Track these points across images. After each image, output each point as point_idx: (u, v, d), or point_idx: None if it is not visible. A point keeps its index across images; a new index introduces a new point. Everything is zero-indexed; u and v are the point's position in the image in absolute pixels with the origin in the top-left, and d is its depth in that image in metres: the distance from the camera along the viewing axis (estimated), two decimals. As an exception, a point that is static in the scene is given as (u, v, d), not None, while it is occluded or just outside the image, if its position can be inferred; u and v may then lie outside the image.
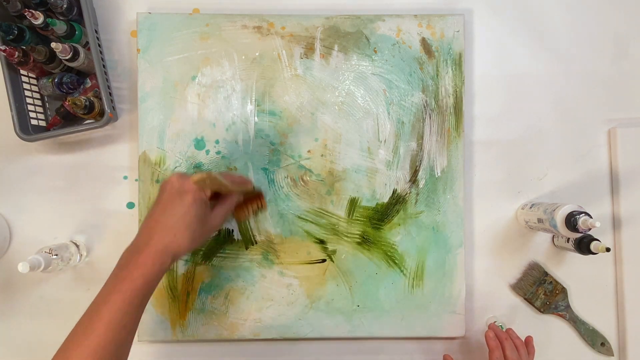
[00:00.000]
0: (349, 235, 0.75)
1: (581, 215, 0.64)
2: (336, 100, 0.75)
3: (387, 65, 0.75)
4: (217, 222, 0.60)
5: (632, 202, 0.77)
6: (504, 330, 0.72)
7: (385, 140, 0.75)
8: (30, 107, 0.73)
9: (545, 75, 0.79)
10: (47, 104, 0.76)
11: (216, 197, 0.61)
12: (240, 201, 0.67)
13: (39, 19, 0.66)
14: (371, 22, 0.75)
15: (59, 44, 0.67)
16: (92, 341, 0.48)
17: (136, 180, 0.75)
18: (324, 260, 0.75)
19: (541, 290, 0.77)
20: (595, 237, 0.70)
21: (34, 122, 0.73)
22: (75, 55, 0.69)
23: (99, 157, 0.76)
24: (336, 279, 0.75)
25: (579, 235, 0.67)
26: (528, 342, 0.70)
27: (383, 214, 0.75)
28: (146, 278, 0.51)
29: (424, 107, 0.75)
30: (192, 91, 0.74)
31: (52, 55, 0.70)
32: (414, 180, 0.75)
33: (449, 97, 0.76)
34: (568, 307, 0.77)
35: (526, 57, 0.79)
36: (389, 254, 0.75)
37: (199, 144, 0.74)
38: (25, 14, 0.65)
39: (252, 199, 0.70)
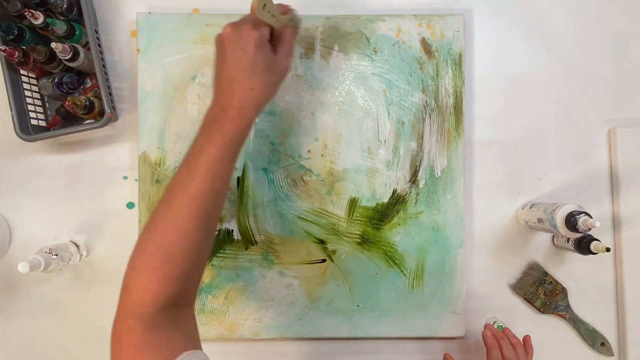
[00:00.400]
0: (349, 235, 0.75)
1: (581, 215, 0.64)
2: (336, 100, 0.75)
3: (387, 65, 0.75)
4: (286, 63, 0.59)
5: (632, 202, 0.77)
6: (502, 330, 0.72)
7: (385, 140, 0.75)
8: (30, 107, 0.73)
9: (545, 75, 0.79)
10: (47, 104, 0.76)
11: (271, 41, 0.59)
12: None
13: (39, 19, 0.66)
14: (371, 22, 0.75)
15: (59, 44, 0.67)
16: (193, 189, 0.50)
17: (136, 180, 0.75)
18: (324, 260, 0.75)
19: (541, 290, 0.77)
20: (595, 237, 0.70)
21: (34, 122, 0.73)
22: (75, 55, 0.69)
23: (99, 157, 0.76)
24: (336, 279, 0.75)
25: (579, 235, 0.67)
26: (526, 341, 0.71)
27: (383, 214, 0.75)
28: (236, 131, 0.53)
29: (424, 107, 0.75)
30: (192, 91, 0.74)
31: (52, 55, 0.70)
32: (414, 180, 0.75)
33: (449, 97, 0.76)
34: (568, 307, 0.77)
35: (526, 57, 0.79)
36: (389, 254, 0.75)
37: (199, 144, 0.74)
38: (25, 14, 0.65)
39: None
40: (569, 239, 0.73)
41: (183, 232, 0.49)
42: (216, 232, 0.54)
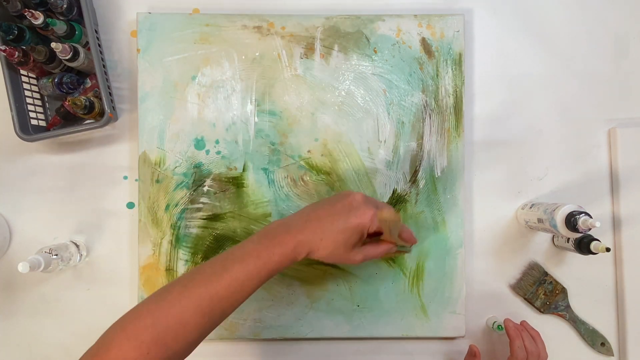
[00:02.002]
0: (349, 235, 0.75)
1: (581, 215, 0.64)
2: (336, 100, 0.75)
3: (387, 65, 0.75)
4: (357, 259, 0.59)
5: (632, 202, 0.77)
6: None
7: (385, 140, 0.75)
8: (30, 107, 0.73)
9: (545, 75, 0.79)
10: (47, 104, 0.76)
11: (374, 234, 0.60)
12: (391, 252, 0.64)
13: (39, 19, 0.66)
14: (371, 22, 0.75)
15: (59, 44, 0.67)
16: (215, 287, 0.51)
17: (136, 180, 0.75)
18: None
19: (541, 290, 0.77)
20: (595, 237, 0.70)
21: (34, 122, 0.73)
22: (75, 55, 0.69)
23: (99, 157, 0.76)
24: (336, 279, 0.75)
25: (579, 235, 0.67)
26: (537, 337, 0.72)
27: (383, 214, 0.75)
28: (281, 258, 0.54)
29: (424, 107, 0.75)
30: (192, 91, 0.74)
31: (52, 55, 0.70)
32: (414, 180, 0.75)
33: (449, 97, 0.76)
34: (568, 307, 0.77)
35: (526, 57, 0.79)
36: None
37: (199, 144, 0.74)
38: (25, 14, 0.65)
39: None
40: (569, 239, 0.73)
41: (183, 325, 0.50)
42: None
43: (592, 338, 0.77)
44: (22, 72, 0.72)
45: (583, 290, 0.78)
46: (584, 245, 0.70)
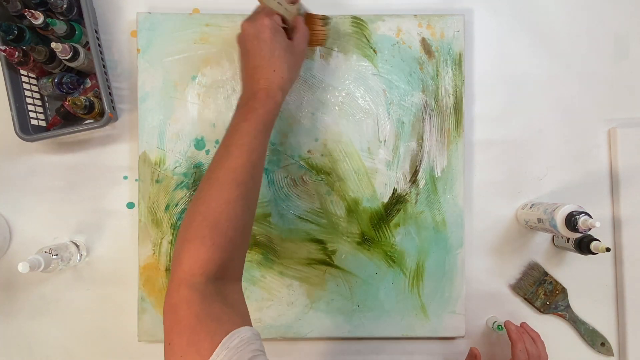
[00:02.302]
0: (349, 235, 0.75)
1: (581, 215, 0.64)
2: (336, 100, 0.75)
3: (387, 66, 0.75)
4: (302, 46, 0.64)
5: (632, 202, 0.77)
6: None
7: (385, 140, 0.75)
8: (30, 107, 0.73)
9: (545, 75, 0.79)
10: (47, 104, 0.76)
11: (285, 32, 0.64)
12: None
13: (39, 19, 0.66)
14: (371, 22, 0.75)
15: (59, 44, 0.67)
16: (231, 162, 0.54)
17: (136, 180, 0.75)
18: (324, 261, 0.75)
19: (541, 290, 0.77)
20: (595, 237, 0.70)
21: (34, 122, 0.73)
22: (75, 55, 0.69)
23: (99, 157, 0.76)
24: (336, 279, 0.75)
25: (579, 235, 0.67)
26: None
27: (383, 214, 0.75)
28: (266, 109, 0.58)
29: (424, 107, 0.75)
30: (192, 91, 0.74)
31: (52, 55, 0.70)
32: (414, 180, 0.75)
33: (449, 97, 0.76)
34: (568, 307, 0.77)
35: (526, 57, 0.79)
36: (389, 253, 0.75)
37: (199, 144, 0.74)
38: (25, 14, 0.65)
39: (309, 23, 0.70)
40: (569, 239, 0.73)
41: (226, 202, 0.52)
42: (256, 209, 0.58)
43: (592, 338, 0.77)
44: (22, 72, 0.72)
45: (583, 290, 0.78)
46: (584, 245, 0.70)
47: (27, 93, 0.73)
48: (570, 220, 0.64)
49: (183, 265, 0.49)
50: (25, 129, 0.71)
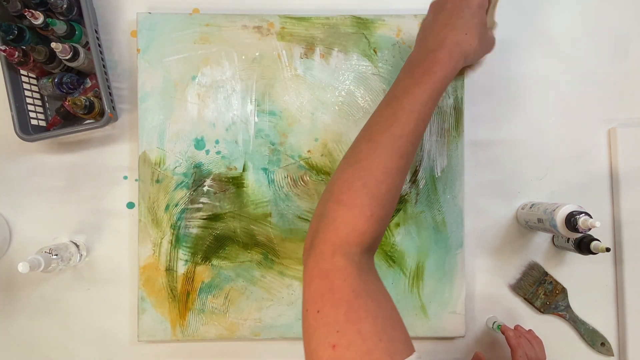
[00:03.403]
0: (349, 235, 0.75)
1: (581, 215, 0.64)
2: (336, 100, 0.75)
3: (387, 66, 0.75)
4: (493, 39, 0.62)
5: (632, 202, 0.77)
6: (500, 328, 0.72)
7: (385, 140, 0.75)
8: (30, 107, 0.73)
9: (545, 75, 0.79)
10: (47, 104, 0.76)
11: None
12: None
13: (39, 19, 0.66)
14: (371, 22, 0.75)
15: (59, 44, 0.67)
16: (397, 129, 0.49)
17: (136, 180, 0.75)
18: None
19: (541, 290, 0.77)
20: (595, 237, 0.70)
21: (34, 122, 0.73)
22: (75, 55, 0.69)
23: (99, 157, 0.76)
24: (336, 279, 0.75)
25: (579, 235, 0.67)
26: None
27: (383, 214, 0.75)
28: (444, 72, 0.52)
29: (424, 107, 0.75)
30: (192, 91, 0.74)
31: (52, 55, 0.70)
32: (414, 180, 0.75)
33: (449, 97, 0.76)
34: (568, 307, 0.77)
35: (526, 57, 0.79)
36: (389, 253, 0.75)
37: (199, 144, 0.74)
38: (25, 14, 0.65)
39: None
40: (569, 239, 0.73)
41: (387, 172, 0.48)
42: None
43: (592, 338, 0.77)
44: (22, 72, 0.72)
45: (583, 290, 0.78)
46: (584, 245, 0.70)
47: (27, 93, 0.73)
48: (570, 220, 0.64)
49: (339, 230, 0.46)
50: (25, 129, 0.71)
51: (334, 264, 0.45)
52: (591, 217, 0.63)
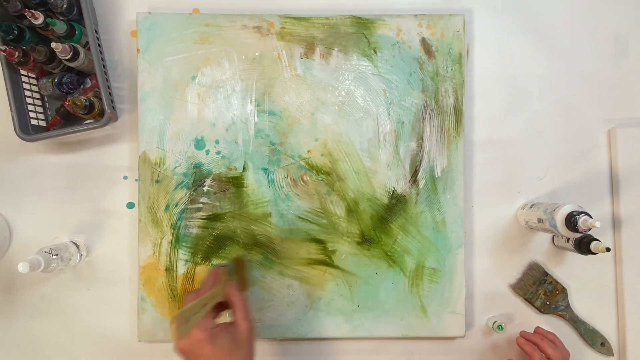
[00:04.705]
0: (349, 235, 0.75)
1: (581, 215, 0.64)
2: (336, 100, 0.75)
3: (387, 65, 0.75)
4: (246, 324, 0.60)
5: (632, 202, 0.77)
6: (503, 330, 0.72)
7: (385, 140, 0.75)
8: (30, 107, 0.73)
9: (545, 75, 0.79)
10: (47, 104, 0.76)
11: (220, 306, 0.62)
12: (234, 284, 0.64)
13: (39, 19, 0.66)
14: (371, 22, 0.75)
15: (59, 44, 0.67)
16: None
17: (136, 180, 0.75)
18: (324, 261, 0.75)
19: (541, 290, 0.77)
20: (595, 237, 0.70)
21: (34, 122, 0.73)
22: (75, 55, 0.69)
23: (99, 157, 0.76)
24: (336, 279, 0.75)
25: (579, 235, 0.67)
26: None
27: (383, 214, 0.75)
28: None
29: (424, 107, 0.75)
30: (192, 91, 0.74)
31: (52, 55, 0.70)
32: (414, 180, 0.75)
33: (449, 97, 0.76)
34: (568, 307, 0.77)
35: (526, 57, 0.79)
36: (389, 253, 0.75)
37: (199, 144, 0.74)
38: (25, 14, 0.65)
39: (238, 270, 0.71)
40: (569, 239, 0.73)
41: None
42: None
43: (592, 338, 0.77)
44: (22, 72, 0.72)
45: (583, 290, 0.78)
46: (584, 245, 0.70)
47: (27, 93, 0.73)
48: (570, 220, 0.64)
49: None
50: (25, 129, 0.71)
51: None
52: (591, 217, 0.63)
